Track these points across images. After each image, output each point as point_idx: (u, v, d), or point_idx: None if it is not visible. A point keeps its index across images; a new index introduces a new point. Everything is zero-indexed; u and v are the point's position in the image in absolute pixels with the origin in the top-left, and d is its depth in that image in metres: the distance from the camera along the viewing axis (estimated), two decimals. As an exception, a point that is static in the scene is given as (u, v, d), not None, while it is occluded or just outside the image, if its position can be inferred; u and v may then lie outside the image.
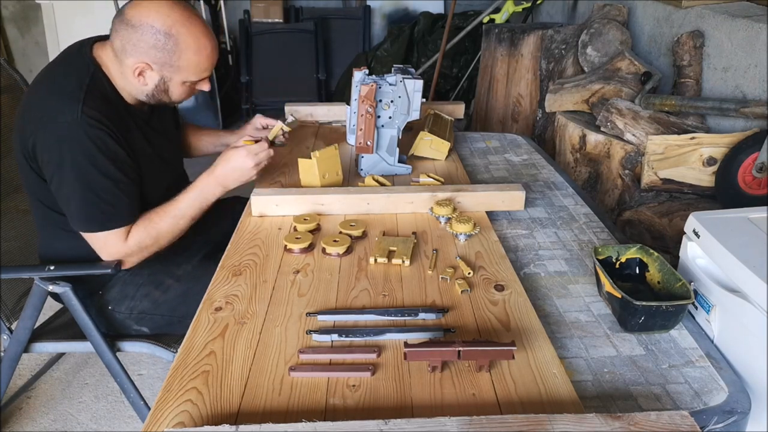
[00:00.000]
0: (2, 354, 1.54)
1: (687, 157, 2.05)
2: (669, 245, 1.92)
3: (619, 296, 1.05)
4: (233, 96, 4.69)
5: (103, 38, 1.45)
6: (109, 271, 1.39)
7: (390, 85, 1.60)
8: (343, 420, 0.81)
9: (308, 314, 1.04)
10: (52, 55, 4.15)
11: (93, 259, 1.47)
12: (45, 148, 1.33)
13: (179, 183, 1.61)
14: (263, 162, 1.49)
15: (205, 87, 1.48)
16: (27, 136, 1.34)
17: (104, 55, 1.41)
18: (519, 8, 3.85)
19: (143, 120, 1.49)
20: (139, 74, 1.38)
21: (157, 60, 1.36)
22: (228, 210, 1.73)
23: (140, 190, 1.44)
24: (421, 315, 1.06)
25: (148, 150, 1.48)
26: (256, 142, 1.50)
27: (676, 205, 2.04)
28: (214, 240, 1.64)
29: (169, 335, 1.53)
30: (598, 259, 1.16)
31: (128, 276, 1.50)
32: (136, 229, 1.41)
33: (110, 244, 1.39)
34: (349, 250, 1.29)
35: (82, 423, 1.94)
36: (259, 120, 1.82)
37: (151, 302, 1.50)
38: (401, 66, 1.72)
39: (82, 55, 1.41)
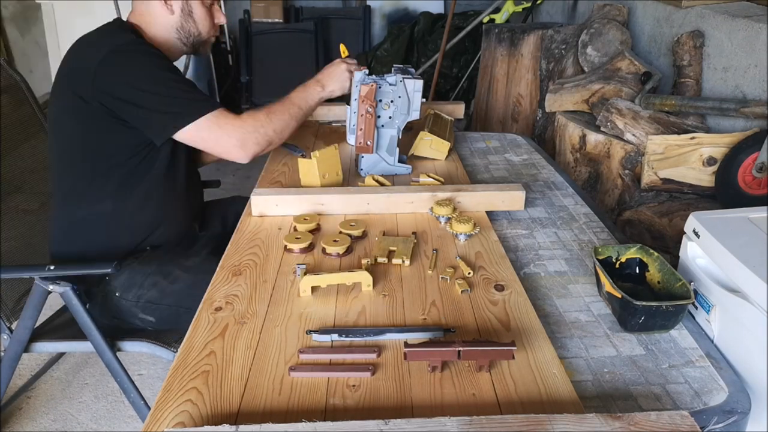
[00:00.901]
0: (2, 354, 1.54)
1: (687, 157, 2.05)
2: (669, 245, 1.92)
3: (619, 296, 1.05)
4: (233, 96, 4.70)
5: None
6: (109, 270, 1.40)
7: (390, 85, 1.60)
8: (343, 420, 0.81)
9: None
10: (52, 55, 4.16)
11: (94, 257, 1.49)
12: (114, 73, 1.40)
13: (194, 166, 1.69)
14: (353, 68, 1.68)
15: (222, 18, 1.64)
16: (88, 76, 1.39)
17: (133, 21, 1.54)
18: (519, 8, 3.86)
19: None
20: (166, 1, 1.50)
21: None
22: (231, 207, 1.76)
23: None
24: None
25: None
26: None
27: (676, 205, 2.04)
28: (220, 236, 1.66)
29: (169, 333, 1.53)
30: (598, 259, 1.16)
31: (137, 264, 1.51)
32: (246, 112, 1.51)
33: (226, 123, 1.45)
34: (349, 250, 1.29)
35: (82, 423, 1.94)
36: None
37: (158, 291, 1.50)
38: (401, 66, 1.72)
39: (114, 22, 1.56)
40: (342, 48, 1.83)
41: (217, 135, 1.45)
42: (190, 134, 1.44)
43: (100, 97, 1.39)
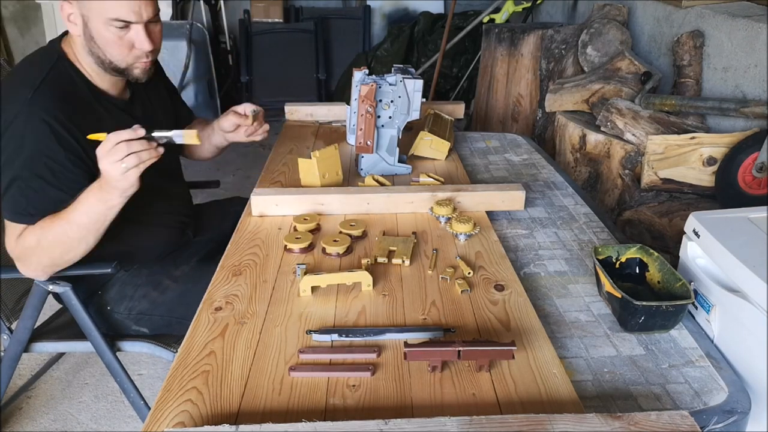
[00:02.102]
0: (2, 354, 1.54)
1: (687, 157, 2.05)
2: (669, 245, 1.92)
3: (619, 296, 1.05)
4: (233, 96, 4.70)
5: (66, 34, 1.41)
6: (109, 270, 1.39)
7: (390, 85, 1.60)
8: (343, 420, 0.81)
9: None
10: (52, 54, 4.16)
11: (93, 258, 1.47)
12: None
13: (169, 177, 1.57)
14: (127, 134, 1.20)
15: (145, 44, 1.33)
16: None
17: (68, 42, 1.37)
18: (519, 8, 3.86)
19: (120, 107, 1.43)
20: (68, 18, 1.31)
21: None
22: (227, 210, 1.74)
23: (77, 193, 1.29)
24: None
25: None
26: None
27: (676, 205, 2.04)
28: (213, 241, 1.64)
29: (168, 335, 1.53)
30: (598, 259, 1.16)
31: (127, 276, 1.51)
32: (29, 228, 1.28)
33: (8, 238, 1.31)
34: (349, 250, 1.29)
35: (82, 423, 1.94)
36: (241, 108, 1.66)
37: (149, 303, 1.50)
38: (401, 66, 1.72)
39: (50, 46, 1.39)
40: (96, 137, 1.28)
41: (8, 243, 1.31)
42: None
43: None
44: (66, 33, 1.40)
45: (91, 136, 1.23)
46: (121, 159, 1.18)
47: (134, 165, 1.19)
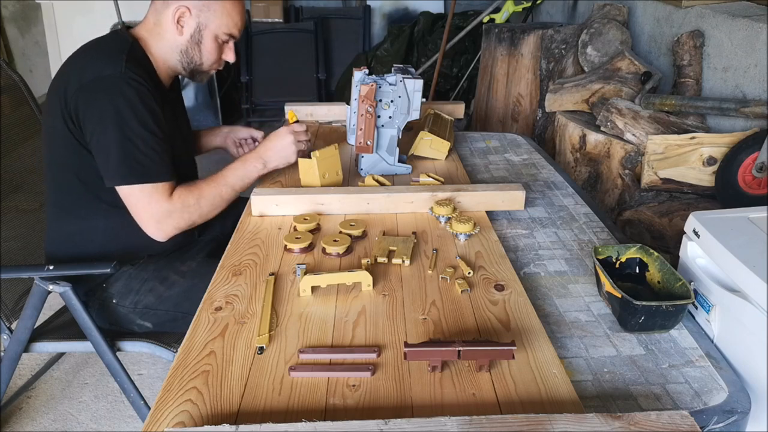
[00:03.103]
0: (2, 354, 1.54)
1: (687, 157, 2.05)
2: (669, 245, 1.92)
3: (619, 296, 1.05)
4: (233, 95, 4.70)
5: (130, 28, 1.54)
6: (108, 270, 1.40)
7: (390, 84, 1.60)
8: (343, 420, 0.81)
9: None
10: (52, 55, 4.16)
11: (95, 256, 1.48)
12: (88, 103, 1.36)
13: (191, 171, 1.66)
14: (303, 141, 1.58)
15: (231, 56, 1.59)
16: (69, 96, 1.37)
17: (139, 32, 1.50)
18: (519, 8, 3.86)
19: (166, 97, 1.54)
20: (178, 20, 1.46)
21: (196, 4, 1.46)
22: (231, 209, 1.75)
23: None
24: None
25: (175, 129, 1.53)
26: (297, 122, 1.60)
27: (676, 204, 2.04)
28: (218, 238, 1.65)
29: (169, 334, 1.53)
30: (598, 259, 1.16)
31: (133, 271, 1.51)
32: (179, 188, 1.44)
33: (154, 200, 1.40)
34: (349, 250, 1.29)
35: (82, 423, 1.94)
36: (224, 129, 1.91)
37: (155, 297, 1.50)
38: (401, 66, 1.72)
39: (117, 34, 1.51)
40: (290, 114, 1.63)
41: (141, 206, 1.40)
42: (121, 193, 1.41)
43: (76, 122, 1.38)
44: (128, 27, 1.53)
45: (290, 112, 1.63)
46: (301, 142, 1.56)
47: (303, 149, 1.58)
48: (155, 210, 1.41)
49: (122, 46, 1.44)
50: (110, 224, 1.48)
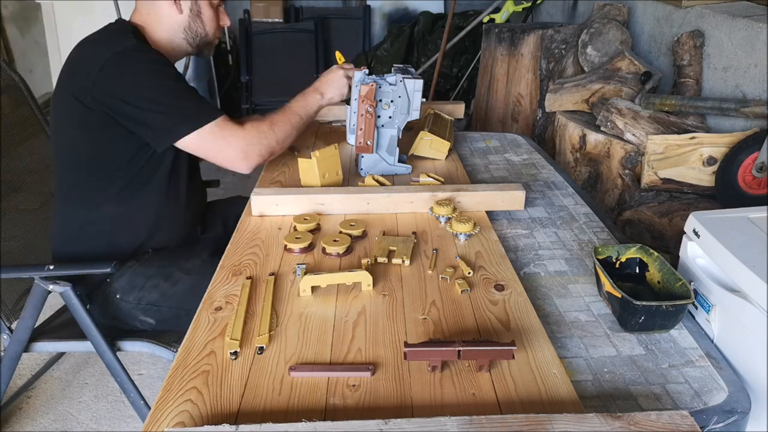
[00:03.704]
0: (2, 354, 1.54)
1: (687, 157, 2.05)
2: (669, 245, 1.92)
3: (619, 296, 1.05)
4: (233, 95, 4.70)
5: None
6: (109, 270, 1.40)
7: (390, 84, 1.60)
8: (343, 420, 0.81)
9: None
10: (52, 55, 4.16)
11: (96, 258, 1.49)
12: (114, 78, 1.38)
13: (193, 169, 1.67)
14: (351, 73, 1.67)
15: (227, 20, 1.63)
16: (88, 81, 1.38)
17: (138, 19, 1.53)
18: (519, 8, 3.86)
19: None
20: (175, 1, 1.50)
21: None
22: (230, 210, 1.76)
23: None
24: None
25: None
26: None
27: (676, 204, 2.04)
28: (221, 237, 1.66)
29: (169, 333, 1.53)
30: (598, 259, 1.16)
31: (138, 267, 1.51)
32: (248, 120, 1.51)
33: (229, 133, 1.44)
34: (349, 250, 1.29)
35: (82, 423, 1.94)
36: None
37: (159, 294, 1.50)
38: (401, 66, 1.72)
39: (117, 22, 1.54)
40: (338, 55, 1.81)
41: (220, 145, 1.44)
42: (192, 143, 1.43)
43: (101, 103, 1.39)
44: (121, 21, 1.56)
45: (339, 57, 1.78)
46: (348, 76, 1.67)
47: (350, 79, 1.68)
48: (233, 141, 1.44)
49: (126, 28, 1.48)
50: (121, 211, 1.50)
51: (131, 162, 1.47)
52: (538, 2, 3.76)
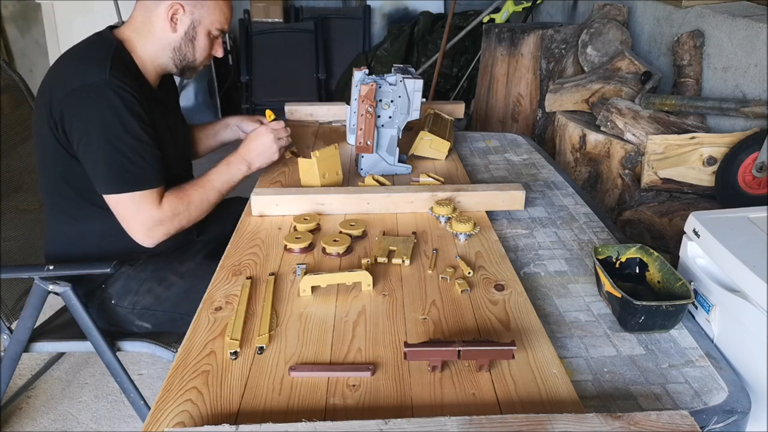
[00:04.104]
0: (2, 354, 1.54)
1: (687, 157, 2.05)
2: (669, 245, 1.92)
3: (619, 296, 1.05)
4: (233, 95, 4.70)
5: (115, 28, 1.53)
6: (108, 270, 1.40)
7: (390, 84, 1.60)
8: (343, 420, 0.81)
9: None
10: (52, 55, 4.16)
11: (94, 256, 1.48)
12: (73, 111, 1.35)
13: (187, 173, 1.65)
14: (283, 138, 1.62)
15: (220, 52, 1.58)
16: (54, 104, 1.36)
17: (125, 33, 1.49)
18: (519, 8, 3.85)
19: (155, 96, 1.53)
20: (172, 17, 1.46)
21: (189, 2, 1.46)
22: (229, 210, 1.75)
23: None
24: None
25: (165, 129, 1.52)
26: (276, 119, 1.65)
27: (676, 204, 2.04)
28: (217, 239, 1.65)
29: (169, 334, 1.53)
30: (598, 259, 1.16)
31: (132, 271, 1.51)
32: (168, 195, 1.44)
33: (143, 208, 1.40)
34: (349, 250, 1.29)
35: (82, 423, 1.94)
36: (231, 120, 1.88)
37: (153, 298, 1.50)
38: (401, 66, 1.72)
39: (102, 36, 1.49)
40: (268, 113, 1.69)
41: (130, 214, 1.40)
42: (111, 201, 1.40)
43: (62, 129, 1.37)
44: (112, 27, 1.52)
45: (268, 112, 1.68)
46: (282, 139, 1.61)
47: (284, 145, 1.63)
48: (144, 218, 1.40)
49: (107, 50, 1.42)
50: (107, 227, 1.47)
51: None
52: (538, 2, 3.76)
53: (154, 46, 1.49)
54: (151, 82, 1.52)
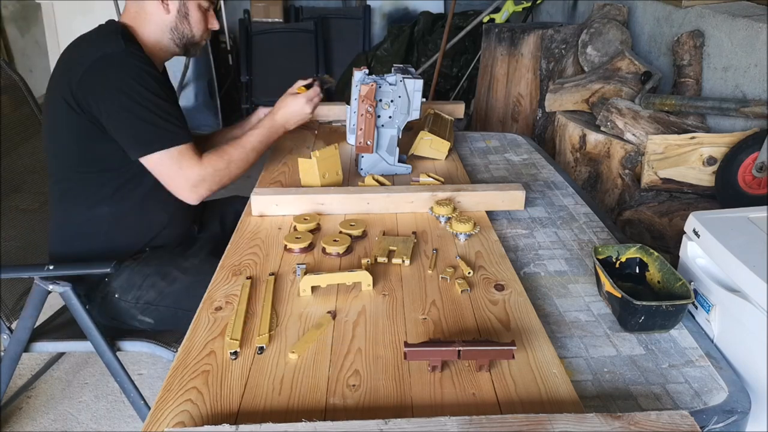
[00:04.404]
0: (2, 354, 1.54)
1: (687, 157, 2.05)
2: (669, 245, 1.92)
3: (619, 296, 1.05)
4: (233, 95, 4.70)
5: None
6: (108, 270, 1.40)
7: (390, 84, 1.60)
8: (343, 420, 0.81)
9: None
10: (52, 54, 4.16)
11: (100, 249, 1.49)
12: (96, 81, 1.38)
13: None
14: (316, 102, 1.68)
15: (215, 24, 1.62)
16: (74, 81, 1.38)
17: (127, 19, 1.52)
18: (519, 8, 3.85)
19: (159, 79, 1.53)
20: (163, 1, 1.49)
21: None
22: (228, 209, 1.76)
23: None
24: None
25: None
26: (308, 87, 1.69)
27: (676, 204, 2.04)
28: (219, 236, 1.66)
29: (170, 332, 1.53)
30: (598, 259, 1.16)
31: (136, 266, 1.51)
32: (207, 154, 1.48)
33: (185, 165, 1.43)
34: (349, 250, 1.29)
35: (82, 423, 1.94)
36: (261, 112, 1.84)
37: (157, 293, 1.50)
38: (401, 65, 1.72)
39: (110, 23, 1.54)
40: (299, 90, 1.71)
41: (174, 172, 1.43)
42: (150, 163, 1.43)
43: (84, 105, 1.39)
44: (113, 22, 1.54)
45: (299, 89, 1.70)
46: (313, 106, 1.66)
47: (317, 103, 1.69)
48: (189, 174, 1.44)
49: (116, 29, 1.47)
50: (115, 212, 1.50)
51: (123, 164, 1.46)
52: (538, 2, 3.76)
53: (153, 31, 1.52)
54: (157, 68, 1.54)
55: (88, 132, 1.42)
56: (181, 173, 1.44)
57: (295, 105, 1.64)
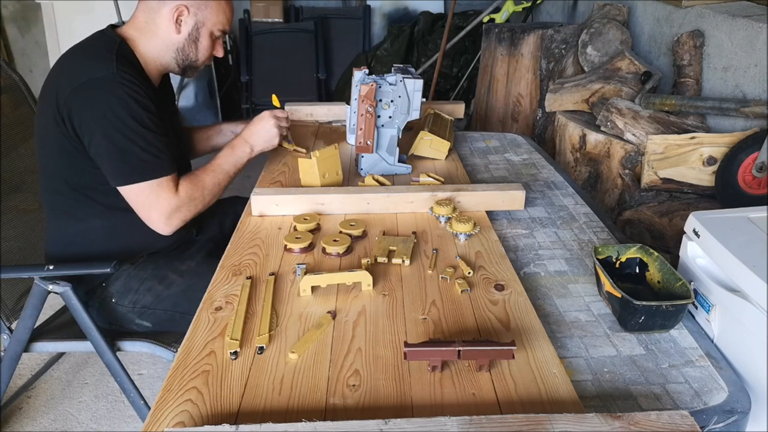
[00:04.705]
0: (2, 354, 1.54)
1: (687, 157, 2.05)
2: (669, 245, 1.92)
3: (619, 296, 1.05)
4: (233, 95, 4.70)
5: (116, 27, 1.53)
6: (108, 270, 1.40)
7: (390, 84, 1.60)
8: (343, 420, 0.81)
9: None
10: (52, 55, 4.16)
11: (95, 256, 1.48)
12: (82, 106, 1.36)
13: (185, 170, 1.64)
14: (283, 124, 1.66)
15: (221, 52, 1.61)
16: (61, 100, 1.37)
17: (127, 32, 1.50)
18: (519, 8, 3.85)
19: (155, 93, 1.53)
20: (177, 19, 1.48)
21: (194, 3, 1.48)
22: (229, 209, 1.76)
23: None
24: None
25: (167, 129, 1.53)
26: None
27: (676, 204, 2.04)
28: (217, 238, 1.66)
29: (169, 333, 1.53)
30: (598, 259, 1.16)
31: (133, 270, 1.51)
32: (182, 182, 1.46)
33: (162, 197, 1.41)
34: (349, 250, 1.29)
35: (82, 423, 1.94)
36: (227, 128, 1.89)
37: (153, 297, 1.50)
38: (401, 65, 1.72)
39: (105, 33, 1.50)
40: (273, 98, 1.77)
41: (149, 203, 1.41)
42: (126, 193, 1.41)
43: (68, 124, 1.37)
44: (114, 26, 1.53)
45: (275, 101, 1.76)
46: (282, 127, 1.65)
47: (283, 134, 1.68)
48: (164, 206, 1.42)
49: (110, 46, 1.43)
50: (107, 225, 1.49)
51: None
52: (538, 2, 3.76)
53: (158, 46, 1.50)
54: (153, 81, 1.53)
55: (75, 147, 1.40)
56: (157, 205, 1.42)
57: (264, 123, 1.62)
